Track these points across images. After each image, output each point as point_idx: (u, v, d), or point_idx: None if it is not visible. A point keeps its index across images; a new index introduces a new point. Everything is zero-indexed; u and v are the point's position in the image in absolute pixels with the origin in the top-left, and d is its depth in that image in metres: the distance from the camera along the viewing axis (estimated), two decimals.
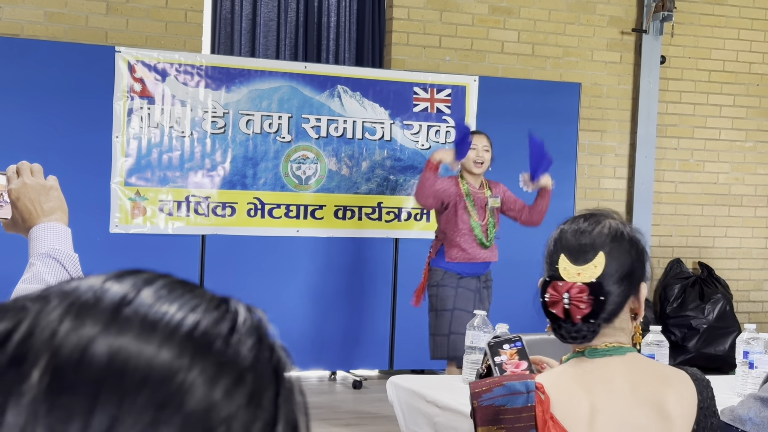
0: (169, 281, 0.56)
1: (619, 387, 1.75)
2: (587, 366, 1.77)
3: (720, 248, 8.03)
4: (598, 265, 1.76)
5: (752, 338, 3.08)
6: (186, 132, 6.19)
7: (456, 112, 6.78)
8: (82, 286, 0.54)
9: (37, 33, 6.29)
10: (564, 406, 1.73)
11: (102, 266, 3.59)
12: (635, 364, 1.78)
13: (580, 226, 1.81)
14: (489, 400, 1.75)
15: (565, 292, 1.75)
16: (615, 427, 1.73)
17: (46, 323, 0.51)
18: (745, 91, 8.06)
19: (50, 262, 1.64)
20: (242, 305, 0.57)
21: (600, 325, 1.76)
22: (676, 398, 1.74)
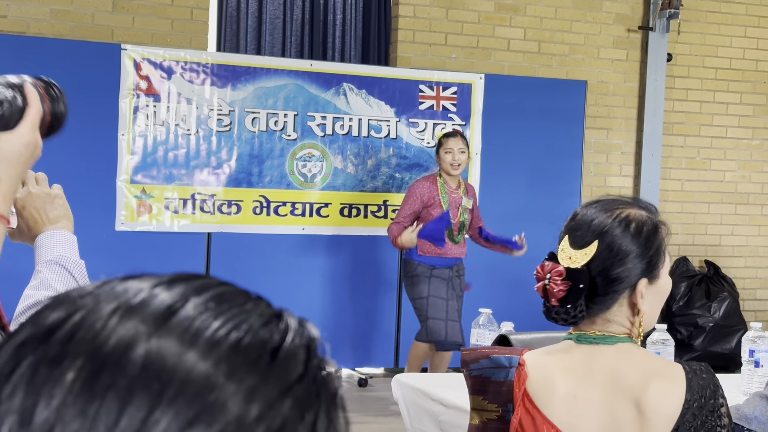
0: (220, 292, 0.56)
1: (600, 376, 1.72)
2: (574, 351, 1.76)
3: (726, 246, 8.01)
4: (588, 253, 1.74)
5: (758, 337, 3.07)
6: (192, 130, 6.19)
7: (462, 109, 6.77)
8: (133, 288, 0.55)
9: (43, 31, 6.29)
10: (540, 386, 1.73)
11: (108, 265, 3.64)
12: (623, 355, 1.74)
13: (588, 212, 1.79)
14: (477, 371, 1.83)
15: (548, 272, 1.75)
16: (591, 416, 1.71)
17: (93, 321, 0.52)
18: (751, 89, 8.04)
19: (57, 269, 1.64)
20: (295, 321, 0.56)
21: (582, 310, 1.74)
22: (656, 394, 1.68)
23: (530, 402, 1.72)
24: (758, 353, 3.00)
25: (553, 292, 1.73)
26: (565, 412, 1.72)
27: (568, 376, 1.74)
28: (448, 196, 5.60)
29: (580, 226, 1.77)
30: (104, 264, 5.88)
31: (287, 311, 0.57)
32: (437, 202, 5.56)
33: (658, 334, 3.04)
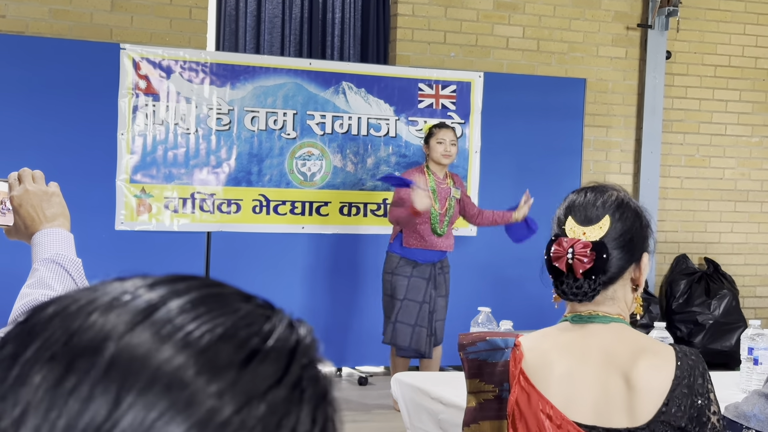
0: (205, 294, 0.56)
1: (594, 354, 1.79)
2: (569, 332, 1.82)
3: (726, 244, 8.01)
4: (603, 226, 1.81)
5: (757, 334, 3.08)
6: (191, 129, 6.19)
7: (461, 107, 6.77)
8: (118, 289, 0.56)
9: (42, 30, 6.30)
10: (536, 365, 1.79)
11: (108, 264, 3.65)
12: (616, 334, 1.81)
13: (588, 196, 1.87)
14: (474, 354, 1.86)
15: (570, 247, 1.80)
16: (584, 392, 1.77)
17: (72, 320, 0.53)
18: (751, 86, 8.04)
19: (54, 267, 1.65)
20: (284, 323, 0.56)
21: (600, 284, 1.81)
22: (647, 371, 1.75)
23: (526, 380, 1.77)
24: (757, 351, 3.00)
25: (581, 264, 1.78)
26: (560, 389, 1.77)
27: (563, 354, 1.80)
28: (436, 186, 5.63)
29: (586, 205, 1.84)
30: (104, 263, 5.89)
31: (280, 312, 0.57)
32: (427, 191, 5.56)
33: (657, 332, 3.04)
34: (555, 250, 1.81)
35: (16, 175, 1.78)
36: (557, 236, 1.84)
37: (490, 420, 1.83)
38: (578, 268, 1.79)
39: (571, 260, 1.79)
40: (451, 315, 5.81)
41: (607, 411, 1.75)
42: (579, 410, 1.76)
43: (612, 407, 1.75)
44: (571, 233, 1.82)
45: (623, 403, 1.75)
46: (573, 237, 1.82)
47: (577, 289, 1.81)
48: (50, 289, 1.64)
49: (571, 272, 1.80)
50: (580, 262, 1.79)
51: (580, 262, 1.79)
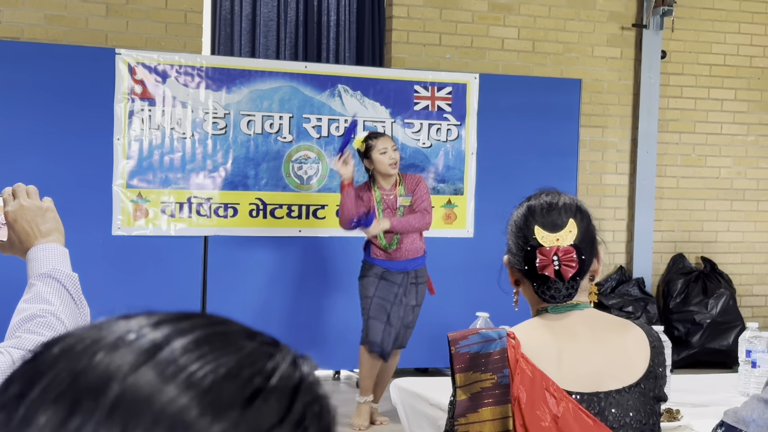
0: (209, 333, 0.56)
1: (581, 334, 1.97)
2: (551, 320, 1.98)
3: (723, 243, 8.02)
4: (572, 230, 1.97)
5: (755, 337, 3.08)
6: (187, 133, 6.19)
7: (457, 109, 6.78)
8: (123, 328, 0.57)
9: (37, 36, 6.29)
10: (534, 348, 1.92)
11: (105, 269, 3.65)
12: (592, 317, 2.00)
13: (545, 200, 2.01)
14: (465, 347, 1.93)
15: (554, 254, 1.94)
16: (582, 364, 1.94)
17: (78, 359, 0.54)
18: (746, 85, 8.05)
19: (51, 282, 1.65)
20: (288, 360, 0.56)
21: (579, 283, 1.99)
22: (632, 339, 1.98)
23: (527, 362, 1.89)
24: (755, 354, 3.00)
25: (569, 269, 1.94)
26: (558, 367, 1.92)
27: (553, 338, 1.95)
28: (382, 202, 5.39)
29: (548, 212, 1.98)
30: (101, 269, 5.89)
31: (284, 349, 0.57)
32: (373, 212, 5.37)
33: None
34: (541, 260, 1.94)
35: (11, 191, 1.79)
36: (533, 247, 1.95)
37: (491, 406, 1.89)
38: (567, 273, 1.95)
39: (558, 267, 1.94)
40: (447, 320, 5.80)
41: (602, 378, 1.93)
42: (578, 382, 1.92)
43: (606, 374, 1.93)
44: (545, 242, 1.95)
45: (616, 369, 1.94)
46: (548, 245, 1.95)
47: (566, 291, 1.97)
48: (48, 304, 1.64)
49: (560, 277, 1.95)
50: (568, 267, 1.94)
51: (568, 267, 1.94)
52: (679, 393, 3.03)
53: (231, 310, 6.29)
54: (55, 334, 1.69)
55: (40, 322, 1.61)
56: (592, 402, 1.90)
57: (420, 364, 6.79)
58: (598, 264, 2.04)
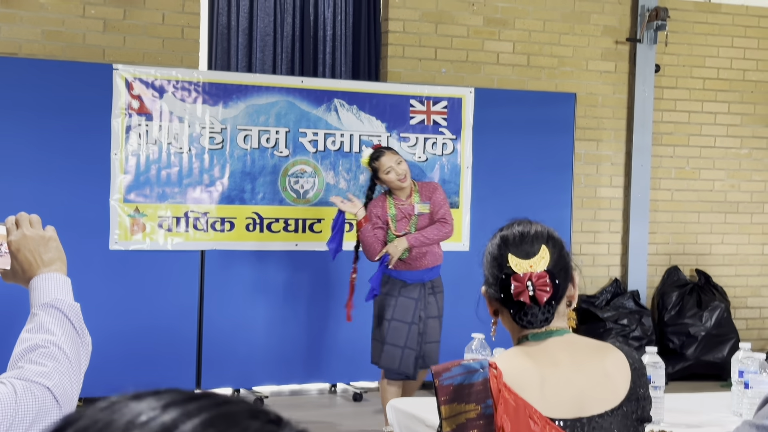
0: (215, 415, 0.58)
1: (562, 360, 2.00)
2: (532, 347, 2.02)
3: (717, 255, 8.06)
4: (544, 256, 2.02)
5: (747, 357, 3.10)
6: (184, 148, 6.22)
7: (452, 123, 6.81)
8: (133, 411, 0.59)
9: (35, 52, 6.32)
10: (516, 376, 1.95)
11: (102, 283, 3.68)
12: (572, 342, 2.04)
13: (517, 230, 2.06)
14: (449, 379, 1.96)
15: (527, 280, 1.99)
16: (564, 390, 1.96)
17: None
18: (739, 99, 8.10)
19: (53, 311, 1.67)
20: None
21: (554, 307, 2.03)
22: (612, 362, 2.01)
23: (510, 391, 1.92)
24: (747, 374, 3.03)
25: (544, 293, 1.99)
26: (540, 394, 1.95)
27: (535, 366, 1.98)
28: (396, 210, 5.33)
29: (521, 241, 2.04)
30: (99, 283, 5.91)
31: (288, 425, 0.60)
32: (385, 220, 5.33)
33: (649, 357, 3.07)
34: (516, 286, 1.99)
35: (14, 220, 1.81)
36: (507, 275, 2.00)
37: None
38: (542, 297, 1.99)
39: (533, 292, 1.99)
40: (442, 333, 5.82)
41: (585, 403, 1.96)
42: (561, 408, 1.95)
43: (588, 399, 1.96)
44: (519, 269, 2.01)
45: (598, 393, 1.98)
46: (522, 272, 2.00)
47: (542, 315, 2.01)
48: (50, 334, 1.66)
49: (535, 302, 1.99)
50: (544, 292, 1.99)
51: (544, 292, 1.99)
52: (672, 413, 3.06)
53: (227, 324, 6.31)
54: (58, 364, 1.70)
55: (43, 352, 1.63)
56: (575, 427, 1.94)
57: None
58: (574, 289, 2.08)
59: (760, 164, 8.17)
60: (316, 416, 6.10)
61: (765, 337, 8.15)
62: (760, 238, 8.17)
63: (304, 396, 6.65)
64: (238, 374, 6.37)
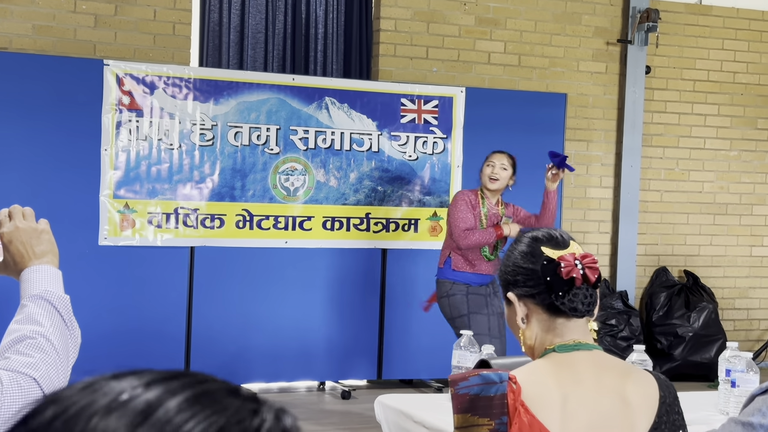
0: (197, 392, 0.59)
1: (587, 378, 1.89)
2: (557, 360, 1.91)
3: (705, 256, 8.09)
4: (578, 248, 1.96)
5: (734, 356, 3.12)
6: (174, 144, 6.21)
7: (443, 123, 6.83)
8: (115, 389, 0.58)
9: (26, 46, 6.31)
10: (536, 394, 1.85)
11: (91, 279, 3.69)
12: (600, 359, 1.93)
13: (543, 232, 1.98)
14: (465, 389, 1.87)
15: (575, 260, 1.91)
16: (583, 413, 1.86)
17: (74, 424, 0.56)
18: (729, 101, 8.13)
19: (43, 303, 1.67)
20: (272, 414, 0.59)
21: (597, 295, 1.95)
22: (637, 390, 1.90)
23: (526, 411, 1.83)
24: (734, 373, 3.04)
25: (593, 271, 1.91)
26: (559, 415, 1.85)
27: (557, 382, 1.88)
28: (488, 210, 5.41)
29: (552, 238, 1.96)
30: (88, 279, 5.90)
31: (266, 403, 0.61)
32: (477, 213, 5.39)
33: (636, 355, 3.08)
34: (565, 264, 1.90)
35: (7, 212, 1.81)
36: (549, 260, 1.92)
37: None
38: (592, 276, 1.91)
39: (583, 270, 1.90)
40: (433, 332, 5.84)
41: (605, 429, 1.86)
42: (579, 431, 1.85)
43: (608, 426, 1.86)
44: (557, 256, 1.92)
45: (619, 422, 1.87)
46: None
47: (586, 300, 1.93)
48: (39, 325, 1.66)
49: (586, 281, 1.91)
50: (593, 270, 1.91)
51: (593, 270, 1.91)
52: None
53: (216, 320, 6.31)
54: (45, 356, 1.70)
55: (30, 343, 1.63)
56: None
57: (404, 375, 6.82)
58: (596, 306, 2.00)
59: (749, 166, 8.20)
60: (305, 414, 6.11)
61: (752, 338, 8.19)
62: (749, 239, 8.20)
63: (293, 393, 6.66)
64: (227, 371, 6.37)
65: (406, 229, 6.73)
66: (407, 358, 6.71)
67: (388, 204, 6.69)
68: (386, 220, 6.69)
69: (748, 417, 2.17)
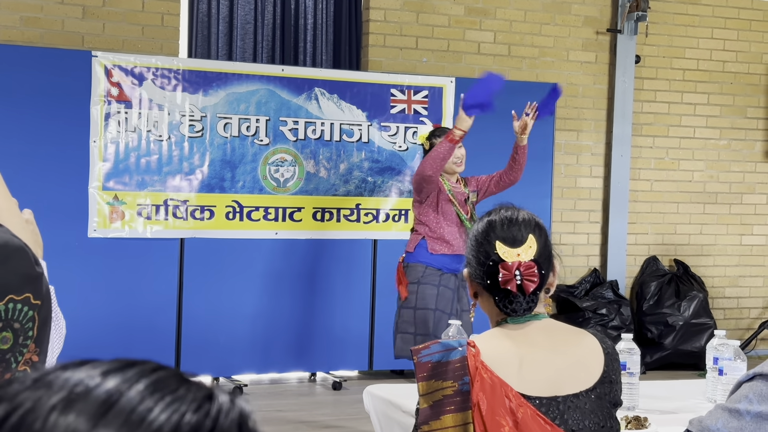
0: (154, 380, 0.58)
1: (540, 342, 2.03)
2: (512, 330, 2.05)
3: (695, 245, 8.11)
4: (532, 245, 2.03)
5: (722, 344, 3.13)
6: (164, 136, 6.20)
7: (433, 113, 6.82)
8: (72, 380, 0.57)
9: (13, 38, 6.27)
10: (494, 355, 1.98)
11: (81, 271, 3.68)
12: (550, 327, 2.08)
13: (504, 215, 2.06)
14: (427, 357, 1.97)
15: (516, 269, 2.00)
16: (539, 370, 2.00)
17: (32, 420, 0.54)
18: (719, 90, 8.14)
19: None
20: (227, 400, 0.59)
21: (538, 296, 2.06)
22: (587, 346, 2.06)
23: (486, 369, 1.94)
24: (722, 361, 3.05)
25: (530, 284, 2.01)
26: (518, 374, 1.98)
27: (513, 347, 2.02)
28: (451, 188, 5.32)
29: (509, 227, 2.03)
30: (77, 271, 5.89)
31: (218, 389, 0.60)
32: (444, 196, 5.25)
33: (624, 344, 3.08)
34: (504, 274, 2.00)
35: None
36: (495, 262, 2.01)
37: (452, 413, 1.93)
38: (529, 288, 2.01)
39: (520, 281, 2.00)
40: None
41: (561, 383, 2.00)
42: (537, 387, 1.98)
43: (564, 379, 2.00)
44: (507, 257, 2.01)
45: (574, 374, 2.02)
46: (509, 260, 2.01)
47: (526, 304, 2.03)
48: None
49: (521, 292, 2.01)
50: (530, 282, 2.01)
51: (530, 282, 2.01)
52: (647, 399, 3.08)
53: (206, 312, 6.30)
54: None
55: None
56: (551, 406, 1.97)
57: (395, 366, 6.82)
58: (554, 277, 2.10)
59: (738, 155, 8.22)
60: (296, 405, 6.11)
61: (742, 326, 8.21)
62: (738, 228, 8.22)
63: (284, 385, 6.66)
64: (218, 363, 6.37)
65: (397, 220, 6.73)
66: None
67: (378, 194, 6.69)
68: (377, 210, 6.69)
69: (734, 404, 2.18)
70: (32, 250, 1.75)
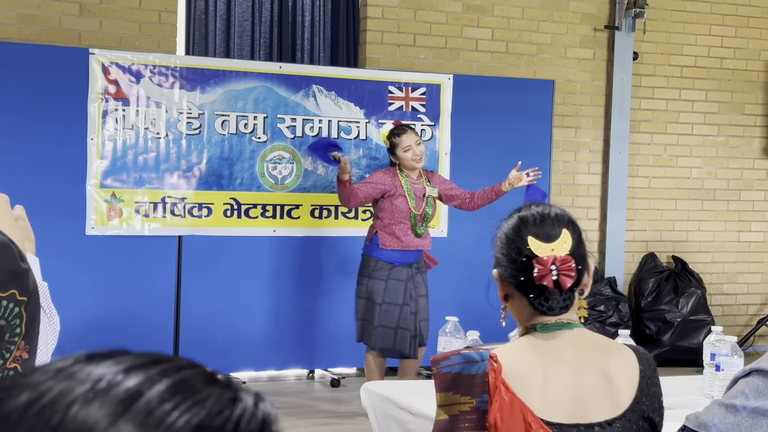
0: (178, 379, 0.57)
1: (568, 356, 1.90)
2: (539, 340, 1.92)
3: (693, 242, 8.11)
4: (566, 240, 1.91)
5: (719, 340, 3.13)
6: (161, 133, 6.19)
7: (431, 110, 6.82)
8: (95, 374, 0.57)
9: (10, 35, 6.27)
10: (517, 372, 1.86)
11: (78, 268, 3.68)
12: (582, 338, 1.94)
13: (536, 211, 1.95)
14: (447, 368, 1.88)
15: (551, 264, 1.88)
16: (564, 390, 1.87)
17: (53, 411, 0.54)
18: (716, 86, 8.14)
19: None
20: (251, 401, 0.58)
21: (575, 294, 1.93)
22: (618, 366, 1.91)
23: (507, 389, 1.84)
24: (719, 357, 3.05)
25: (567, 279, 1.88)
26: (540, 394, 1.86)
27: (538, 361, 1.89)
28: (411, 186, 5.47)
29: (541, 223, 1.92)
30: (75, 268, 5.88)
31: (244, 390, 0.60)
32: (400, 192, 5.43)
33: (621, 340, 3.08)
34: (539, 269, 1.88)
35: None
36: (528, 257, 1.90)
37: (468, 430, 1.86)
38: (566, 283, 1.89)
39: (557, 276, 1.88)
40: None
41: (586, 407, 1.87)
42: (560, 411, 1.86)
43: (590, 403, 1.87)
44: (540, 252, 1.89)
45: (601, 398, 1.88)
46: (543, 254, 1.89)
47: (563, 302, 1.91)
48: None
49: (558, 288, 1.89)
50: (567, 277, 1.89)
51: (567, 277, 1.89)
52: None
53: (204, 310, 6.30)
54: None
55: None
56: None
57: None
58: (588, 278, 1.99)
59: (736, 152, 8.22)
60: (294, 402, 6.11)
61: (740, 323, 8.22)
62: (736, 225, 8.22)
63: (282, 382, 6.66)
64: (216, 360, 6.37)
65: None
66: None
67: None
68: None
69: (731, 399, 2.18)
70: (21, 246, 1.74)
